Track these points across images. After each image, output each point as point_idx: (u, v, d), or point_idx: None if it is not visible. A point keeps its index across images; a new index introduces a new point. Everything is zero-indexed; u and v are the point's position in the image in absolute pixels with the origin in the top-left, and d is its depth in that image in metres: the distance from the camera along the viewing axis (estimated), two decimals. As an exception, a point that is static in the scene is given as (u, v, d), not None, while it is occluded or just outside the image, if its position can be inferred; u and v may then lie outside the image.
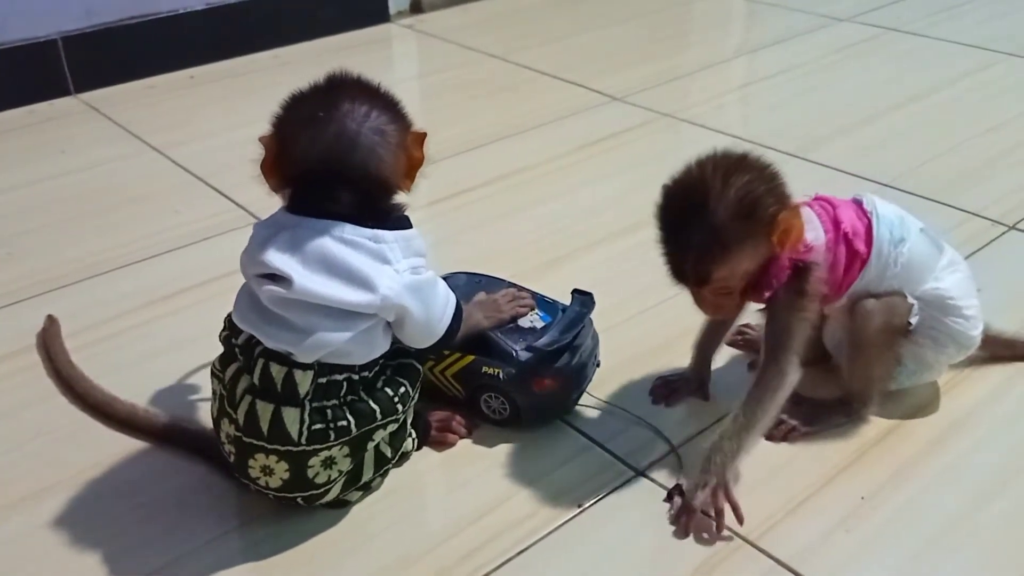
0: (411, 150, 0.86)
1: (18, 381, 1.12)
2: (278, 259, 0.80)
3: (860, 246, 0.94)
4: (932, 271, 0.97)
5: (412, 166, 0.86)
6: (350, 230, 0.82)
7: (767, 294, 0.91)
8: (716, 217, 0.84)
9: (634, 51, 2.19)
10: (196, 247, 1.40)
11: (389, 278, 0.82)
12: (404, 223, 0.86)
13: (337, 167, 0.82)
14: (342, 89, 0.84)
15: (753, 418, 0.90)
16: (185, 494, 0.94)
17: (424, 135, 0.87)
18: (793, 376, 0.91)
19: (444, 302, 0.88)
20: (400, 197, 0.87)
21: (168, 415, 1.02)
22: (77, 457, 0.99)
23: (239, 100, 1.91)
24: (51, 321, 1.18)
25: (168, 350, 1.16)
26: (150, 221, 1.47)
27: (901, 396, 1.04)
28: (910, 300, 0.96)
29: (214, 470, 0.95)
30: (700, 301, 0.92)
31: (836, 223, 0.94)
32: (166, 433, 1.01)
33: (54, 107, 1.90)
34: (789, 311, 0.91)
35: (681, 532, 0.88)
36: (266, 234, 0.84)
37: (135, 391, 1.06)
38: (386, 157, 0.83)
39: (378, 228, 0.83)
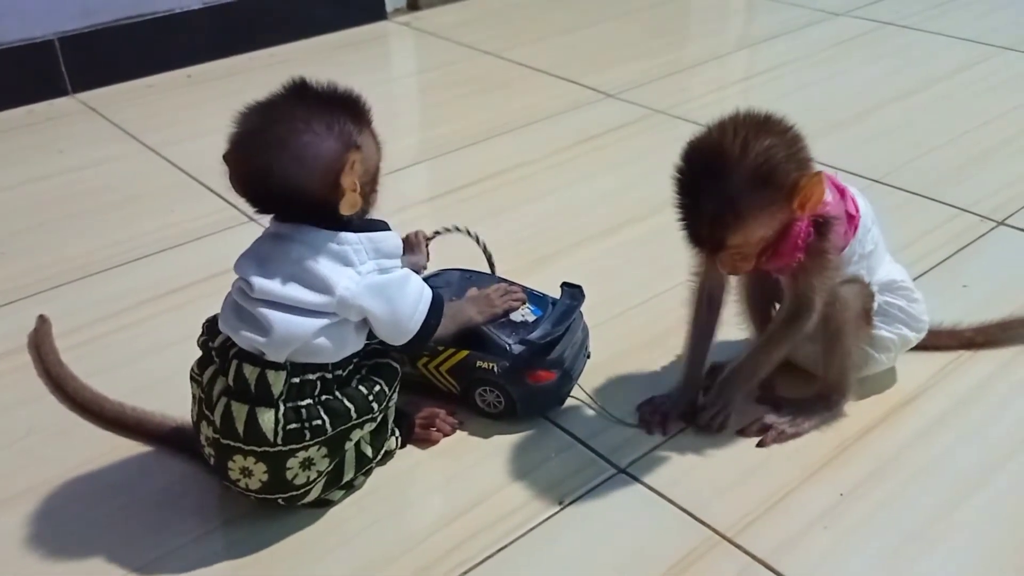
0: (338, 176, 0.82)
1: (9, 381, 1.13)
2: (244, 264, 0.85)
3: (853, 211, 0.94)
4: (884, 258, 1.00)
5: (339, 191, 0.82)
6: (311, 233, 0.83)
7: (792, 262, 0.91)
8: (732, 185, 0.82)
9: (628, 47, 2.19)
10: (189, 246, 1.41)
11: (348, 279, 0.83)
12: (375, 224, 0.87)
13: (265, 180, 0.83)
14: (288, 103, 0.84)
15: (767, 352, 0.97)
16: (171, 492, 0.96)
17: (352, 161, 0.82)
18: (809, 326, 0.94)
19: (415, 300, 0.88)
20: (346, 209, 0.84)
21: (156, 414, 1.03)
22: (66, 456, 1.00)
23: (236, 99, 1.89)
24: (42, 321, 1.20)
25: (158, 350, 1.17)
26: (144, 220, 1.48)
27: (881, 392, 1.05)
28: (872, 287, 0.98)
29: (201, 468, 0.96)
30: (717, 261, 0.90)
31: (839, 188, 0.95)
32: (154, 432, 1.02)
33: (52, 107, 1.92)
34: (814, 272, 0.91)
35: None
36: (257, 239, 0.88)
37: (124, 390, 1.07)
38: (307, 179, 0.82)
39: (343, 230, 0.84)
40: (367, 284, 0.84)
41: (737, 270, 0.92)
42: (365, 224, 0.86)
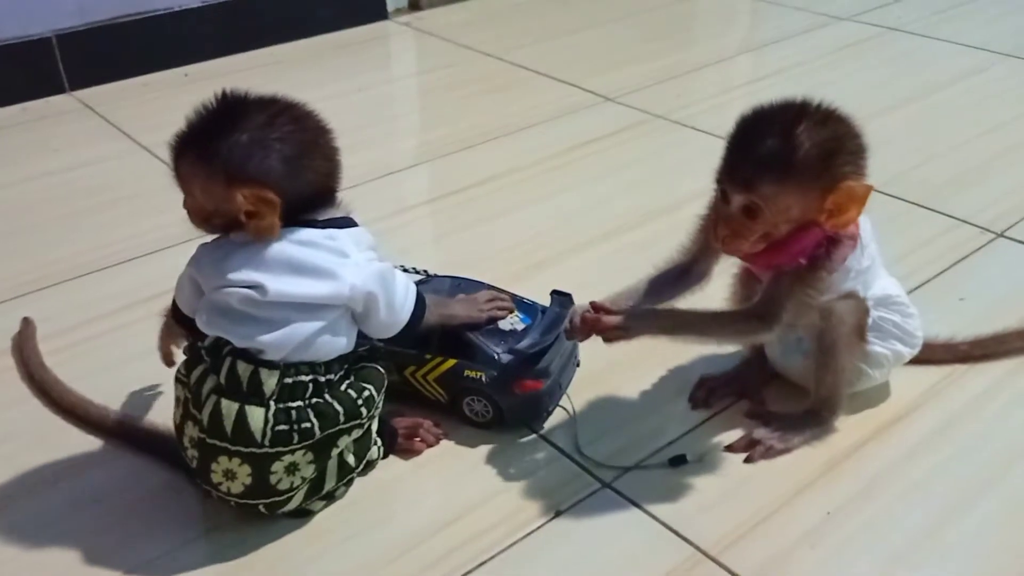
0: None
1: (-7, 384, 1.12)
2: (246, 272, 0.83)
3: (854, 230, 0.92)
4: (880, 273, 0.99)
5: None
6: (305, 232, 0.85)
7: (791, 263, 0.88)
8: (796, 140, 0.81)
9: (629, 50, 2.18)
10: (180, 248, 1.38)
11: (353, 267, 0.85)
12: (346, 221, 0.88)
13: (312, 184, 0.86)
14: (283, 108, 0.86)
15: (701, 325, 0.92)
16: (154, 499, 0.95)
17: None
18: (764, 336, 0.90)
19: (404, 289, 0.90)
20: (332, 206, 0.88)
21: (140, 419, 1.03)
22: (48, 461, 0.99)
23: (233, 98, 1.91)
24: (26, 324, 1.19)
25: (144, 354, 1.14)
26: (137, 221, 1.47)
27: (873, 407, 1.04)
28: (868, 301, 0.96)
29: (184, 476, 0.95)
30: (722, 217, 0.87)
31: None
32: (139, 437, 1.01)
33: (48, 105, 1.91)
34: (799, 282, 0.89)
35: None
36: (219, 254, 0.86)
37: (110, 395, 1.07)
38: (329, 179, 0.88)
39: (328, 227, 0.86)
40: (370, 272, 0.86)
41: (732, 243, 0.88)
42: (339, 221, 0.88)
